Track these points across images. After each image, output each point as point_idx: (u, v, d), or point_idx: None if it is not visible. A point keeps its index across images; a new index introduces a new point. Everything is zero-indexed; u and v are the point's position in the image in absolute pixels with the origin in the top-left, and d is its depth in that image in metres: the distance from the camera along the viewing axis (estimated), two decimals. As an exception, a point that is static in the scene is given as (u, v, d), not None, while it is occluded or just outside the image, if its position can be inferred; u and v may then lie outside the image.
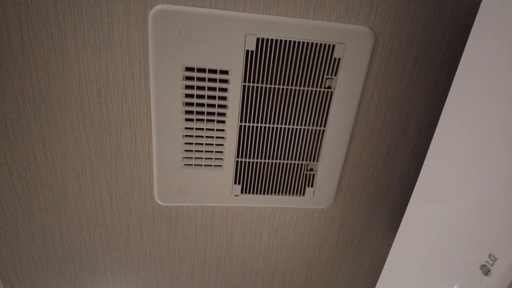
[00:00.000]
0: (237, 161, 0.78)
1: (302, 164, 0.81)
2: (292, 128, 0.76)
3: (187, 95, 0.70)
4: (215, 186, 0.80)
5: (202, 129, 0.74)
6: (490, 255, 0.47)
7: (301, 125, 0.76)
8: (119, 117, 0.72)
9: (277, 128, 0.76)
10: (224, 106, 0.72)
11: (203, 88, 0.70)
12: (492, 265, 0.46)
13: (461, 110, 0.54)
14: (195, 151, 0.76)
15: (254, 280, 1.00)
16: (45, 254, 0.87)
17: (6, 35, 0.62)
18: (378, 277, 1.05)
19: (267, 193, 0.83)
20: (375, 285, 1.07)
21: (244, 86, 0.70)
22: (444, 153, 0.58)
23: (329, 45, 0.69)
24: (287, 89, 0.72)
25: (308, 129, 0.77)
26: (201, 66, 0.67)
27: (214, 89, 0.70)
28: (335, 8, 0.67)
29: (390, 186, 0.89)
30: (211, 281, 0.98)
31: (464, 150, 0.53)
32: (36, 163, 0.74)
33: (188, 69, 0.68)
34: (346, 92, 0.73)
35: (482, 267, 0.48)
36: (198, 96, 0.70)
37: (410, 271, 0.66)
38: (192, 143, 0.75)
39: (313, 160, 0.81)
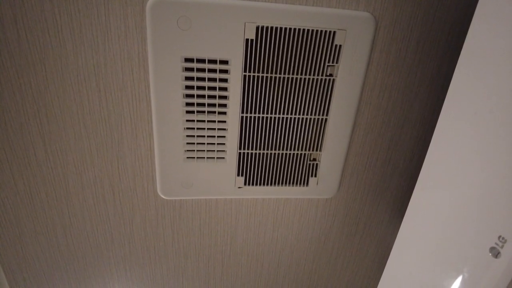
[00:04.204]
0: (240, 153, 0.77)
1: (305, 154, 0.80)
2: (294, 118, 0.76)
3: (187, 87, 0.69)
4: (218, 178, 0.80)
5: (204, 121, 0.73)
6: (499, 237, 0.46)
7: (303, 114, 0.75)
8: (119, 111, 0.71)
9: (279, 118, 0.75)
10: (225, 97, 0.71)
11: (203, 79, 0.69)
12: (502, 247, 0.46)
13: (465, 93, 0.54)
14: (197, 143, 0.75)
15: (259, 272, 1.00)
16: (49, 252, 0.86)
17: (2, 30, 0.61)
18: (385, 265, 1.05)
19: (271, 184, 0.83)
20: (381, 274, 1.07)
21: (245, 76, 0.69)
22: (449, 137, 0.57)
23: (330, 31, 0.68)
24: (288, 78, 0.71)
25: (310, 118, 0.76)
26: (200, 56, 0.66)
27: (214, 79, 0.69)
28: (335, -6, 0.66)
29: (394, 174, 0.88)
30: (216, 274, 0.98)
31: (469, 133, 0.53)
32: (37, 160, 0.74)
33: (188, 60, 0.67)
34: (348, 80, 0.73)
35: (492, 249, 0.47)
36: (199, 88, 0.70)
37: (417, 258, 0.66)
38: (193, 136, 0.74)
39: (316, 150, 0.80)
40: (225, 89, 0.70)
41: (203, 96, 0.70)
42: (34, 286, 0.92)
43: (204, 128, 0.74)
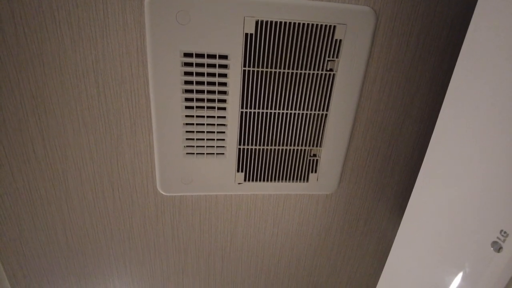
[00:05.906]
0: (240, 149, 0.77)
1: (305, 149, 0.80)
2: (294, 113, 0.75)
3: (186, 82, 0.69)
4: (218, 174, 0.80)
5: (203, 116, 0.73)
6: (501, 231, 0.46)
7: (303, 110, 0.75)
8: (118, 106, 0.71)
9: (279, 113, 0.75)
10: (224, 92, 0.71)
11: (202, 74, 0.68)
12: (504, 241, 0.45)
13: (466, 88, 0.53)
14: (197, 139, 0.75)
15: (259, 268, 1.00)
16: (49, 249, 0.86)
17: (-1, 24, 0.61)
18: (385, 261, 1.05)
19: (271, 180, 0.82)
20: (382, 270, 1.07)
21: (244, 70, 0.69)
22: (450, 132, 0.56)
23: (330, 26, 0.67)
24: (288, 73, 0.71)
25: (310, 114, 0.76)
26: (199, 51, 0.66)
27: (213, 75, 0.69)
28: (335, -12, 0.65)
29: (395, 169, 0.88)
30: (216, 270, 0.98)
31: (470, 128, 0.52)
32: (36, 156, 0.73)
33: (187, 55, 0.66)
34: (348, 74, 0.72)
35: (494, 244, 0.47)
36: (198, 83, 0.69)
37: (418, 254, 0.66)
38: (193, 131, 0.74)
39: (316, 146, 0.79)
40: (224, 84, 0.70)
41: (202, 91, 0.70)
42: (34, 283, 0.91)
43: (203, 124, 0.73)
